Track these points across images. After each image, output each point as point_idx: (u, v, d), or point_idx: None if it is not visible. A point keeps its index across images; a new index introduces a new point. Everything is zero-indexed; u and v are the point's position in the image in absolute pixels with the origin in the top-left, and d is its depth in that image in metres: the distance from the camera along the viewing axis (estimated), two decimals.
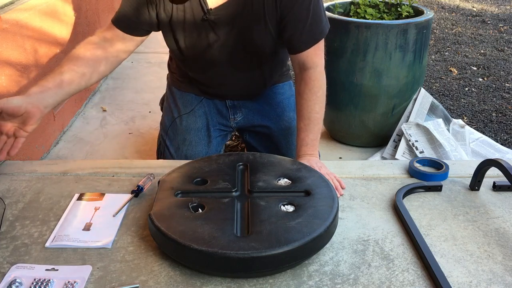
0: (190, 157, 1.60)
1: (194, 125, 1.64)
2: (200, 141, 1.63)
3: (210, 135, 1.66)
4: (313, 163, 1.33)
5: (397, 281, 0.97)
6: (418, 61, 2.19)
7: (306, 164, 1.29)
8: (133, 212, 1.20)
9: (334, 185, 1.22)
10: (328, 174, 1.30)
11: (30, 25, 1.84)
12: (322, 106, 1.47)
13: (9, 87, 1.67)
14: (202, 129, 1.64)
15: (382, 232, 1.13)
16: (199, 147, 1.62)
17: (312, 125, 1.43)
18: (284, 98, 1.70)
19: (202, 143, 1.63)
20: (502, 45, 4.42)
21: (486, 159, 1.26)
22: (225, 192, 1.14)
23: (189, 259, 0.98)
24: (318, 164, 1.35)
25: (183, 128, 1.63)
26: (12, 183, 1.33)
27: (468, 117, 2.97)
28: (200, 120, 1.65)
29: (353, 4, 2.39)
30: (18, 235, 1.11)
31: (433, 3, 6.16)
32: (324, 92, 1.48)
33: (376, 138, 2.36)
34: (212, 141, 1.66)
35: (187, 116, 1.65)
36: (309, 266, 1.01)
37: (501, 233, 1.12)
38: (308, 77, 1.45)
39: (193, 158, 1.57)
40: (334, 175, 1.32)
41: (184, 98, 1.68)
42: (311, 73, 1.45)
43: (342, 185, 1.30)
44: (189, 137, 1.62)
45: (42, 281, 0.95)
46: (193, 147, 1.62)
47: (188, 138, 1.62)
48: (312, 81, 1.45)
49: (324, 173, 1.28)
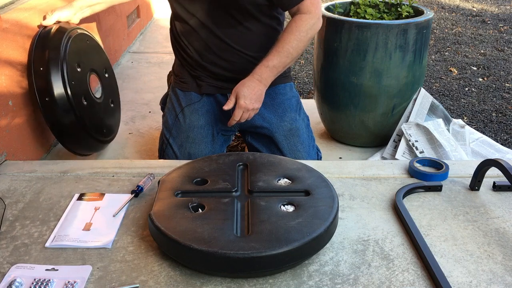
0: (194, 155, 1.60)
1: (197, 123, 1.65)
2: (204, 139, 1.64)
3: (214, 134, 1.67)
4: (247, 93, 1.44)
5: (397, 281, 0.97)
6: (418, 61, 2.19)
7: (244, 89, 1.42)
8: (133, 212, 1.20)
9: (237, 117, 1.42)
10: (246, 108, 1.43)
11: (30, 25, 1.84)
12: (300, 47, 1.51)
13: (9, 87, 1.67)
14: (205, 127, 1.65)
15: (382, 232, 1.13)
16: (202, 144, 1.63)
17: (281, 55, 1.47)
18: (285, 99, 1.70)
19: (206, 140, 1.64)
20: (502, 45, 4.42)
21: (486, 159, 1.26)
22: (225, 192, 1.14)
23: (189, 259, 0.98)
24: (250, 91, 1.44)
25: (186, 125, 1.64)
26: (12, 183, 1.33)
27: (468, 117, 2.97)
28: (203, 118, 1.66)
29: (353, 4, 2.39)
30: (18, 235, 1.11)
31: (433, 3, 6.16)
32: (307, 39, 1.52)
33: (376, 138, 2.35)
34: (216, 140, 1.67)
35: (190, 113, 1.66)
36: (309, 266, 1.01)
37: (501, 233, 1.12)
38: (300, 18, 1.51)
39: (196, 156, 1.57)
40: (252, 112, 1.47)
41: (187, 97, 1.70)
42: (304, 16, 1.51)
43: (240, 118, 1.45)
44: (192, 135, 1.63)
45: (42, 281, 0.95)
46: (197, 144, 1.62)
47: (191, 135, 1.63)
48: (302, 21, 1.50)
49: (242, 105, 1.41)
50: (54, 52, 1.70)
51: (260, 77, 1.47)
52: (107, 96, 2.08)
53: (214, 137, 1.67)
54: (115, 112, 2.17)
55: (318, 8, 1.53)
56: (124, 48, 3.46)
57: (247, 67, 1.58)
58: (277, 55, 1.48)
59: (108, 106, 2.08)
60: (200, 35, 1.61)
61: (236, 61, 1.63)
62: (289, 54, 1.48)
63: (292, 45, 1.48)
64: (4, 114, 1.62)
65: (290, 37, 1.49)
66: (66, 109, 1.69)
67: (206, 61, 1.65)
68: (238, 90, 1.46)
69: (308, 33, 1.52)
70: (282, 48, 1.48)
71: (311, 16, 1.52)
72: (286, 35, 1.50)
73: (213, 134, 1.67)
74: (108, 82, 2.14)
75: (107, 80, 2.12)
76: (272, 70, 1.47)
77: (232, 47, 1.60)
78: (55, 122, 1.72)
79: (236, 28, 1.57)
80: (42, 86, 1.67)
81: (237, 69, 1.63)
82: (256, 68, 1.49)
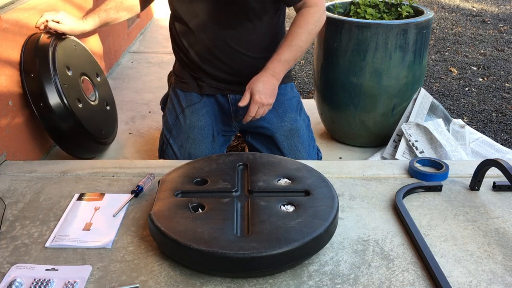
0: (194, 155, 1.60)
1: (197, 123, 1.65)
2: (204, 139, 1.64)
3: (214, 134, 1.67)
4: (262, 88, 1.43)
5: (397, 281, 0.97)
6: (418, 61, 2.19)
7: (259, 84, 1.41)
8: (133, 212, 1.20)
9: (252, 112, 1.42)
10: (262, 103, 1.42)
11: (30, 25, 1.84)
12: (309, 40, 1.52)
13: (9, 87, 1.67)
14: (206, 127, 1.65)
15: (382, 232, 1.12)
16: (202, 145, 1.63)
17: (292, 48, 1.48)
18: (286, 99, 1.70)
19: (206, 141, 1.64)
20: (502, 45, 4.42)
21: (486, 159, 1.26)
22: (225, 192, 1.14)
23: (189, 259, 0.98)
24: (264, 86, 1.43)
25: (187, 126, 1.64)
26: (12, 183, 1.33)
27: (468, 117, 2.97)
28: (203, 119, 1.66)
29: (353, 4, 2.39)
30: (18, 235, 1.11)
31: (433, 3, 6.16)
32: (316, 32, 1.54)
33: (376, 138, 2.35)
34: (216, 140, 1.67)
35: (191, 114, 1.66)
36: (309, 266, 1.01)
37: (501, 233, 1.12)
38: (306, 12, 1.51)
39: (196, 157, 1.57)
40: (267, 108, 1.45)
41: (188, 97, 1.69)
42: (310, 9, 1.52)
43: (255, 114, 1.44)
44: (192, 135, 1.63)
45: (42, 281, 0.95)
46: (197, 145, 1.62)
47: (191, 136, 1.63)
48: (309, 15, 1.51)
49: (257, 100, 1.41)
50: (43, 58, 1.71)
51: (273, 72, 1.48)
52: (102, 99, 2.09)
53: (215, 137, 1.67)
54: (111, 114, 2.17)
55: (323, 0, 1.56)
56: (124, 48, 3.45)
57: (248, 68, 1.58)
58: (288, 49, 1.48)
59: (104, 108, 2.08)
60: (201, 37, 1.61)
61: (237, 63, 1.62)
62: (300, 48, 1.50)
63: (302, 39, 1.49)
64: (4, 114, 1.62)
65: (299, 30, 1.49)
66: (61, 112, 1.70)
67: (207, 63, 1.64)
68: (253, 86, 1.46)
69: (316, 25, 1.54)
70: (292, 42, 1.48)
71: (317, 9, 1.53)
72: (295, 29, 1.51)
73: (213, 134, 1.67)
74: (101, 85, 2.15)
75: (99, 83, 2.13)
76: (284, 64, 1.49)
77: (234, 49, 1.60)
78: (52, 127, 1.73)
79: (238, 29, 1.57)
80: (35, 92, 1.68)
81: (238, 71, 1.63)
82: (268, 63, 1.50)
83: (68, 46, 1.90)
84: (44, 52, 1.73)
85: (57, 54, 1.77)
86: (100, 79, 2.15)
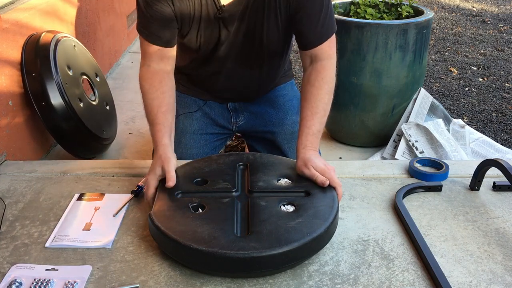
0: (185, 159, 1.60)
1: (190, 128, 1.63)
2: (195, 144, 1.63)
3: (206, 138, 1.66)
4: (319, 162, 1.25)
5: (397, 281, 0.97)
6: (418, 61, 2.19)
7: (313, 159, 1.23)
8: (133, 212, 1.20)
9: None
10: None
11: (30, 25, 1.84)
12: (330, 99, 1.39)
13: (9, 87, 1.67)
14: (198, 132, 1.64)
15: (382, 232, 1.12)
16: (194, 149, 1.62)
17: (319, 115, 1.35)
18: (286, 100, 1.69)
19: (197, 146, 1.63)
20: (502, 45, 4.42)
21: (486, 159, 1.26)
22: (225, 192, 1.14)
23: (189, 259, 0.98)
24: (322, 162, 1.26)
25: (179, 130, 1.63)
26: (12, 183, 1.33)
27: (468, 117, 2.97)
28: (196, 123, 1.64)
29: (353, 4, 2.39)
30: (18, 235, 1.11)
31: (433, 3, 6.16)
32: (333, 87, 1.41)
33: (376, 138, 2.35)
34: (208, 145, 1.66)
35: (184, 118, 1.65)
36: (309, 266, 1.01)
37: (501, 233, 1.12)
38: (322, 67, 1.40)
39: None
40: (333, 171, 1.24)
41: (183, 101, 1.68)
42: (325, 63, 1.40)
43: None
44: (184, 140, 1.62)
45: (42, 281, 0.95)
46: (188, 149, 1.61)
47: (183, 140, 1.62)
48: (325, 71, 1.39)
49: (331, 177, 1.20)
50: (44, 57, 1.72)
51: (312, 146, 1.33)
52: (102, 98, 2.09)
53: (207, 141, 1.66)
54: (111, 114, 2.17)
55: (335, 51, 1.44)
56: (124, 48, 3.45)
57: (254, 89, 1.61)
58: (316, 118, 1.35)
59: (103, 108, 2.09)
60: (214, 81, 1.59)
61: (246, 90, 1.62)
62: (325, 112, 1.38)
63: (325, 101, 1.37)
64: (4, 114, 1.62)
65: (320, 92, 1.37)
66: (63, 111, 1.70)
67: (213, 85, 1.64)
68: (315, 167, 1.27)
69: (334, 81, 1.42)
70: (318, 109, 1.35)
71: (332, 62, 1.42)
72: (316, 91, 1.37)
73: (205, 138, 1.65)
74: (100, 85, 2.15)
75: (99, 83, 2.13)
76: (318, 135, 1.35)
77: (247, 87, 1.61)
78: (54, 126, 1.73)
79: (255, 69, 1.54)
80: (36, 91, 1.68)
81: (244, 95, 1.65)
82: (302, 137, 1.34)
83: (68, 46, 1.90)
84: (45, 52, 1.73)
85: (58, 53, 1.77)
86: (99, 79, 2.15)
